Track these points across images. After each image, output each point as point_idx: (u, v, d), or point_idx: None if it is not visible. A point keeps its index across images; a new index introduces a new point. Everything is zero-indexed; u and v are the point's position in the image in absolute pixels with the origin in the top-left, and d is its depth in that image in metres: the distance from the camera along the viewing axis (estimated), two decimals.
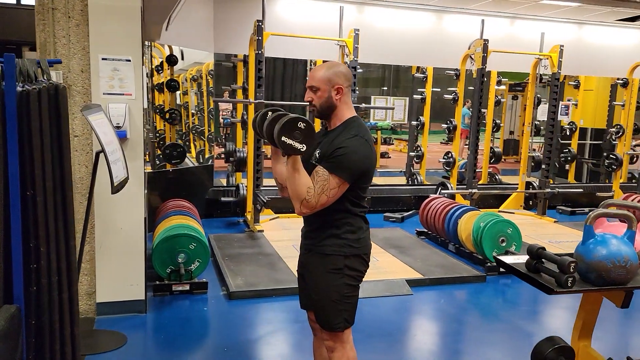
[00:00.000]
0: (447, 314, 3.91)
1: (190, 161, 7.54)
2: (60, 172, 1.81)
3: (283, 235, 5.58)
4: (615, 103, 8.02)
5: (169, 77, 6.43)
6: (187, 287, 3.99)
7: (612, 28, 7.77)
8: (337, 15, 6.28)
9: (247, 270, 4.41)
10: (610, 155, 7.42)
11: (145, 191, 3.65)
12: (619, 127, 7.38)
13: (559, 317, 3.99)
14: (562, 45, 6.50)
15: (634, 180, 8.33)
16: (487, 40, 6.17)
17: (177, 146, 6.16)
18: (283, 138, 1.83)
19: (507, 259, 2.06)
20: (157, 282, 3.96)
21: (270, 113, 2.01)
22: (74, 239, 1.88)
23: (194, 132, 9.30)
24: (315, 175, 1.99)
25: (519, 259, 2.08)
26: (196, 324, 3.58)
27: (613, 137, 7.51)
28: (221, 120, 9.18)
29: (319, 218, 2.10)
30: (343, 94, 2.10)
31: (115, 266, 3.50)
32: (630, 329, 3.75)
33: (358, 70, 5.87)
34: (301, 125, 1.84)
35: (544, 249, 1.94)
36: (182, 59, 7.43)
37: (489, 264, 4.66)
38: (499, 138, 10.78)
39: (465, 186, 6.64)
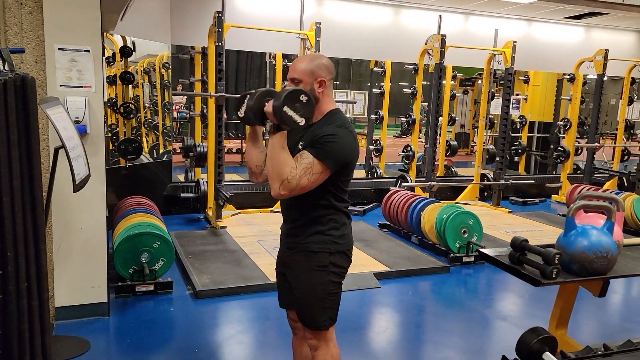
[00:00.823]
0: (416, 306, 3.96)
1: (144, 156, 7.29)
2: (29, 170, 1.68)
3: (246, 231, 5.48)
4: (562, 97, 8.36)
5: (122, 69, 6.16)
6: (151, 288, 3.85)
7: (559, 25, 8.09)
8: (296, 8, 6.23)
9: (213, 268, 4.31)
10: (559, 148, 7.74)
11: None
12: (566, 120, 7.70)
13: (521, 304, 4.11)
14: (515, 41, 6.70)
15: (579, 172, 8.72)
16: (445, 36, 6.27)
17: (133, 141, 5.93)
18: (285, 108, 1.79)
19: (489, 252, 2.08)
20: (120, 283, 3.80)
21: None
22: (45, 242, 1.75)
23: (146, 126, 9.00)
24: (300, 157, 1.93)
25: (498, 252, 2.11)
26: (163, 326, 3.46)
27: (561, 130, 7.83)
28: (175, 114, 8.93)
29: (303, 215, 2.06)
30: (326, 86, 2.06)
31: (75, 268, 3.32)
32: (582, 313, 3.92)
33: None
34: (303, 98, 1.82)
35: (527, 241, 1.97)
36: (134, 50, 7.16)
37: (452, 254, 4.75)
38: (450, 132, 11.03)
39: (423, 178, 6.76)
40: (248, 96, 2.01)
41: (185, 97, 9.97)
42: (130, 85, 7.07)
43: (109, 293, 3.50)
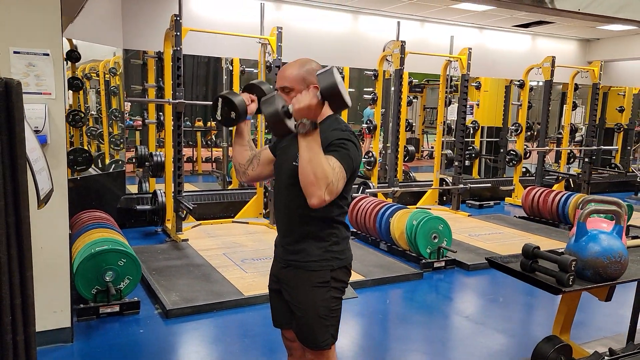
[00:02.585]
0: (397, 315, 3.91)
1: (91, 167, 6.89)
2: (14, 187, 1.47)
3: (210, 243, 5.26)
4: (513, 103, 8.64)
5: (70, 75, 5.77)
6: (116, 309, 3.59)
7: (508, 33, 8.37)
8: (253, 13, 6.11)
9: (181, 285, 4.08)
10: (511, 151, 7.98)
11: None
12: (517, 125, 7.96)
13: (496, 308, 4.14)
14: (471, 48, 6.86)
15: (528, 174, 9.05)
16: (405, 42, 6.32)
17: (83, 151, 5.55)
18: (340, 87, 1.60)
19: (499, 261, 2.04)
20: (82, 305, 3.51)
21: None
22: (31, 269, 1.54)
23: (89, 134, 8.51)
24: (329, 160, 1.74)
25: (505, 260, 2.07)
26: (133, 350, 3.21)
27: (512, 134, 8.09)
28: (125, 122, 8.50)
29: (303, 229, 1.93)
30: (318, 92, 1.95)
31: (34, 292, 3.01)
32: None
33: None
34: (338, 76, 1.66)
35: (538, 248, 1.94)
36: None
37: (423, 260, 4.75)
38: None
39: (383, 184, 6.77)
40: (220, 99, 1.95)
41: (130, 104, 9.54)
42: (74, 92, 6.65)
43: (72, 317, 3.22)
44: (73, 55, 5.71)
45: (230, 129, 7.44)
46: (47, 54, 2.91)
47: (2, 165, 1.41)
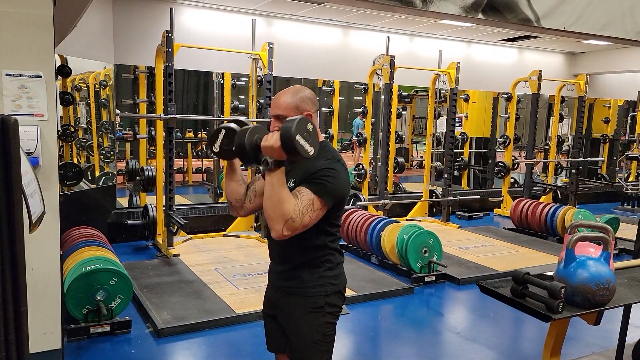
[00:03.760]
0: (389, 331, 3.93)
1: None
2: (9, 223, 1.48)
3: (201, 258, 5.25)
4: (502, 115, 8.74)
5: (61, 90, 5.75)
6: (107, 328, 3.58)
7: (495, 47, 8.49)
8: (245, 28, 6.13)
9: (172, 302, 4.07)
10: (499, 163, 8.06)
11: None
12: (505, 137, 8.05)
13: (488, 323, 4.17)
14: (459, 62, 6.95)
15: (516, 185, 9.14)
16: (394, 57, 6.38)
17: (73, 165, 5.53)
18: (298, 137, 1.63)
19: (489, 286, 2.07)
20: (72, 326, 3.50)
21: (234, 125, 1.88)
22: (26, 304, 1.54)
23: (78, 146, 8.46)
24: (298, 194, 1.81)
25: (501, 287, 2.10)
26: None
27: (501, 146, 8.18)
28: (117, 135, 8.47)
29: (296, 257, 1.96)
30: (312, 119, 1.99)
31: None
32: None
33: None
34: (310, 126, 1.68)
35: (529, 274, 1.98)
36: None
37: (414, 275, 4.78)
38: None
39: (374, 196, 6.80)
40: (223, 131, 1.90)
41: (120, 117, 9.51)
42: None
43: (63, 338, 3.20)
44: (64, 71, 5.69)
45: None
46: (40, 76, 2.91)
47: None
